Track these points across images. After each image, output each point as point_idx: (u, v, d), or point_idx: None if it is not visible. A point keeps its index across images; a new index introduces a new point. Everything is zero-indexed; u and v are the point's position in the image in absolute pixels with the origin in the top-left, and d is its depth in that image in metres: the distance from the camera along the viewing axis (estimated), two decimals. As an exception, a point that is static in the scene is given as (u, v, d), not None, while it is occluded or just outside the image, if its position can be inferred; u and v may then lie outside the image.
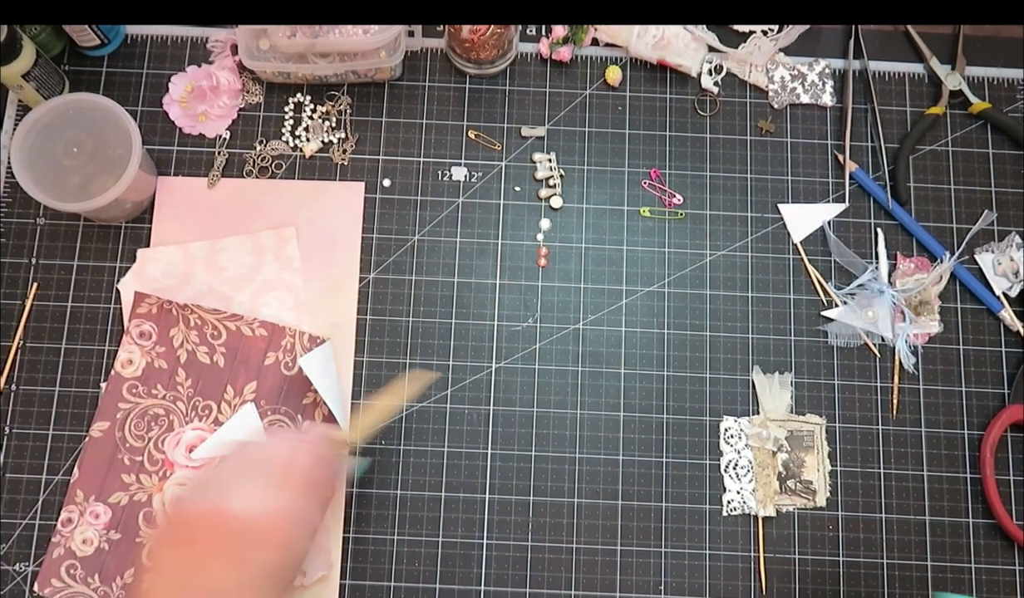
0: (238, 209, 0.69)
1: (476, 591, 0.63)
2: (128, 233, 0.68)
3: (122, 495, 0.63)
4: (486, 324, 0.68)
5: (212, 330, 0.65)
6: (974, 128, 0.73)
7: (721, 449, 0.66)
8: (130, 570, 0.61)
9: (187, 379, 0.65)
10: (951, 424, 0.67)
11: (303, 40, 0.67)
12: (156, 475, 0.63)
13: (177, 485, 0.63)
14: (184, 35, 0.72)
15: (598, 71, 0.73)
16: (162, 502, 0.63)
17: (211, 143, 0.70)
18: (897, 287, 0.68)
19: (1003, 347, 0.68)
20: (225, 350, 0.65)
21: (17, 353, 0.66)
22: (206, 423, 0.64)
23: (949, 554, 0.65)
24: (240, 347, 0.65)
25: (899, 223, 0.70)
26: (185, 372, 0.65)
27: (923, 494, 0.66)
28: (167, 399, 0.64)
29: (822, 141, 0.72)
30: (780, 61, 0.73)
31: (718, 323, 0.68)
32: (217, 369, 0.65)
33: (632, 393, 0.67)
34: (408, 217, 0.70)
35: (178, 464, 0.63)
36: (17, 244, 0.68)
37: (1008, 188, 0.71)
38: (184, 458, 0.63)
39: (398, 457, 0.65)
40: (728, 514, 0.65)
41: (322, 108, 0.71)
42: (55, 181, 0.62)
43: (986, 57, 0.74)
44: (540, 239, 0.70)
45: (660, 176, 0.71)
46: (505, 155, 0.71)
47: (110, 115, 0.63)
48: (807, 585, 0.64)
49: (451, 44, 0.70)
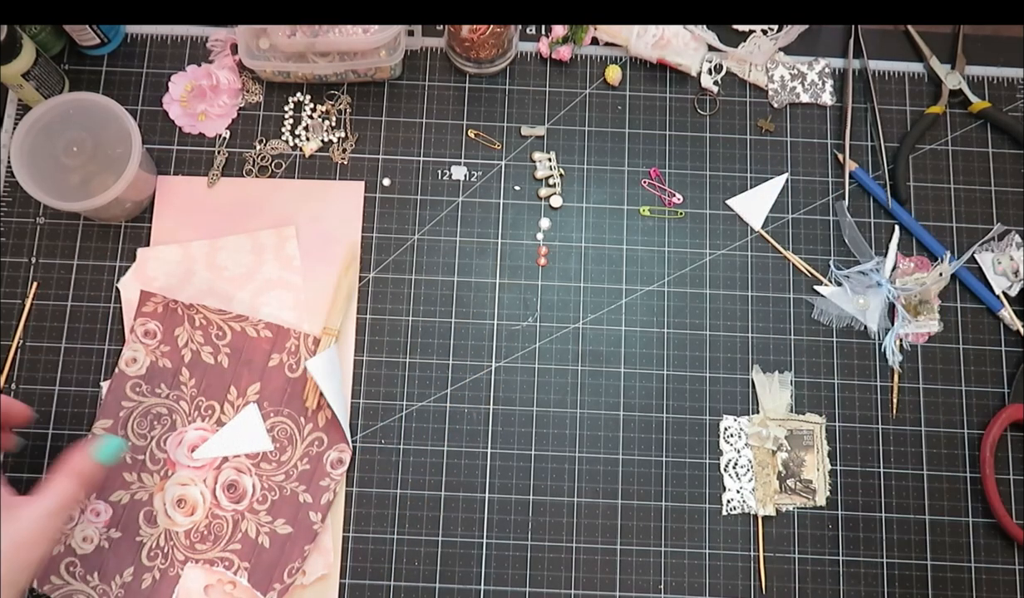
0: (238, 208, 0.69)
1: (476, 591, 0.63)
2: (128, 232, 0.68)
3: (123, 493, 0.63)
4: (486, 323, 0.68)
5: (217, 330, 0.65)
6: (974, 127, 0.73)
7: (721, 448, 0.66)
8: (130, 568, 0.61)
9: (191, 378, 0.65)
10: (951, 423, 0.67)
11: (303, 39, 0.67)
12: (158, 474, 0.63)
13: (179, 485, 0.63)
14: (184, 34, 0.72)
15: (598, 70, 0.73)
16: (163, 502, 0.63)
17: (211, 142, 0.70)
18: (896, 285, 0.68)
19: (1003, 346, 0.68)
20: (230, 351, 0.65)
21: (17, 352, 0.66)
22: (209, 423, 0.64)
23: (949, 553, 0.65)
24: (245, 348, 0.65)
25: (899, 222, 0.70)
26: (189, 371, 0.65)
27: (923, 493, 0.66)
28: (170, 398, 0.64)
29: (822, 140, 0.72)
30: (780, 60, 0.73)
31: (718, 322, 0.68)
32: (221, 369, 0.65)
33: (632, 392, 0.67)
34: (408, 216, 0.70)
35: (180, 464, 0.63)
36: (17, 243, 0.68)
37: (1008, 188, 0.71)
38: (186, 458, 0.63)
39: (398, 456, 0.65)
40: (728, 513, 0.65)
41: (322, 107, 0.71)
42: (55, 180, 0.62)
43: (986, 57, 0.74)
44: (540, 238, 0.70)
45: (660, 175, 0.71)
46: (505, 154, 0.71)
47: (110, 114, 0.63)
48: (807, 584, 0.64)
49: (451, 43, 0.70)
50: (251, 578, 0.62)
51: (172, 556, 0.62)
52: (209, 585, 0.62)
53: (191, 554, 0.62)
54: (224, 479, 0.63)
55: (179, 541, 0.62)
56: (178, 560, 0.62)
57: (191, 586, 0.62)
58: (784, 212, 0.70)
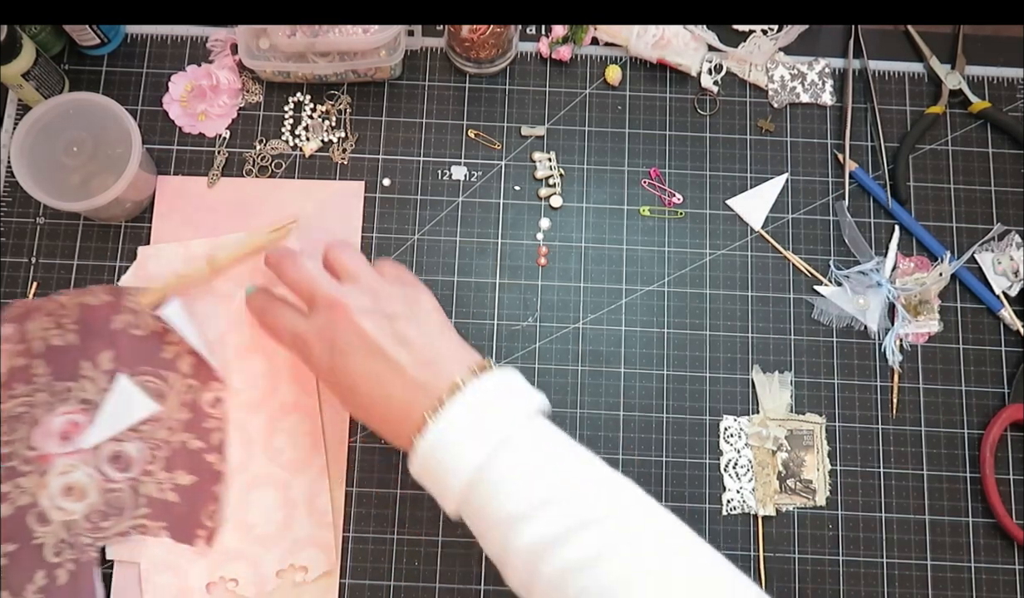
0: (238, 208, 0.69)
1: (476, 590, 0.63)
2: (128, 232, 0.68)
3: (5, 507, 0.60)
4: (486, 323, 0.68)
5: (65, 311, 0.63)
6: (974, 127, 0.73)
7: (721, 448, 0.66)
8: (40, 572, 0.59)
9: (45, 367, 0.62)
10: (951, 423, 0.67)
11: (303, 39, 0.67)
12: (35, 474, 0.61)
13: (61, 475, 0.61)
14: (184, 34, 0.72)
15: (598, 70, 0.73)
16: (49, 498, 0.60)
17: (211, 142, 0.70)
18: (896, 286, 0.68)
19: (1003, 346, 0.68)
20: (76, 327, 0.63)
21: (17, 352, 0.66)
22: (72, 405, 0.62)
23: (949, 553, 0.65)
24: (90, 319, 0.63)
25: (899, 222, 0.70)
26: (43, 361, 0.62)
27: (923, 493, 0.66)
28: (26, 394, 0.61)
29: (822, 140, 0.72)
30: (780, 60, 0.73)
31: (718, 322, 0.68)
32: (70, 348, 0.62)
33: (632, 392, 0.67)
34: (408, 216, 0.70)
35: (55, 454, 0.61)
36: (17, 243, 0.68)
37: (1008, 188, 0.71)
38: (58, 446, 0.61)
39: (398, 456, 0.65)
40: (728, 513, 0.65)
41: (322, 107, 0.71)
42: (55, 180, 0.62)
43: (986, 57, 0.74)
44: (540, 238, 0.70)
45: (660, 175, 0.71)
46: (505, 154, 0.71)
47: (110, 114, 0.63)
48: (807, 584, 0.64)
49: (451, 43, 0.70)
50: (173, 534, 0.61)
51: (80, 543, 0.60)
52: (211, 583, 0.62)
53: (99, 534, 0.61)
54: (107, 453, 0.62)
55: (81, 527, 0.60)
56: (86, 544, 0.60)
57: (192, 584, 0.62)
58: (784, 212, 0.70)
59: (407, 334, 0.53)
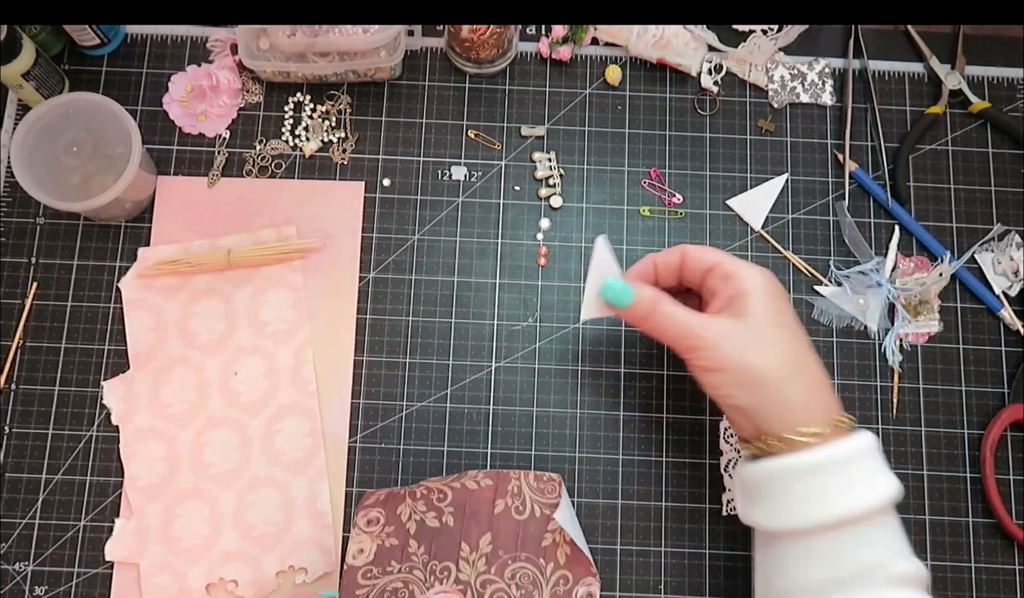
0: (238, 208, 0.69)
1: (476, 590, 0.63)
2: (128, 232, 0.68)
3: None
4: (486, 323, 0.68)
5: (438, 494, 0.63)
6: (974, 128, 0.73)
7: (721, 448, 0.66)
8: None
9: (419, 547, 0.62)
10: (951, 423, 0.67)
11: (303, 39, 0.67)
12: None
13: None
14: (184, 35, 0.72)
15: (598, 70, 0.73)
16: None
17: (211, 142, 0.70)
18: (896, 286, 0.68)
19: (1003, 346, 0.68)
20: (453, 509, 0.63)
21: (17, 352, 0.66)
22: (447, 584, 0.62)
23: (949, 553, 0.65)
24: (468, 502, 0.63)
25: (899, 222, 0.70)
26: (416, 541, 0.62)
27: (923, 493, 0.66)
28: (403, 571, 0.62)
29: (822, 140, 0.72)
30: (780, 60, 0.73)
31: (718, 322, 0.68)
32: (448, 529, 0.63)
33: (632, 392, 0.67)
34: (408, 216, 0.70)
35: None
36: (17, 244, 0.68)
37: (1008, 188, 0.71)
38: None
39: (398, 457, 0.65)
40: (728, 513, 0.65)
41: (322, 108, 0.71)
42: (55, 180, 0.63)
43: (986, 57, 0.74)
44: (540, 238, 0.70)
45: (660, 175, 0.71)
46: (505, 154, 0.71)
47: (110, 114, 0.63)
48: (807, 584, 0.64)
49: (451, 43, 0.70)
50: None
51: None
52: (211, 584, 0.62)
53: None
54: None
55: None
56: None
57: (192, 585, 0.62)
58: (784, 212, 0.70)
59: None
